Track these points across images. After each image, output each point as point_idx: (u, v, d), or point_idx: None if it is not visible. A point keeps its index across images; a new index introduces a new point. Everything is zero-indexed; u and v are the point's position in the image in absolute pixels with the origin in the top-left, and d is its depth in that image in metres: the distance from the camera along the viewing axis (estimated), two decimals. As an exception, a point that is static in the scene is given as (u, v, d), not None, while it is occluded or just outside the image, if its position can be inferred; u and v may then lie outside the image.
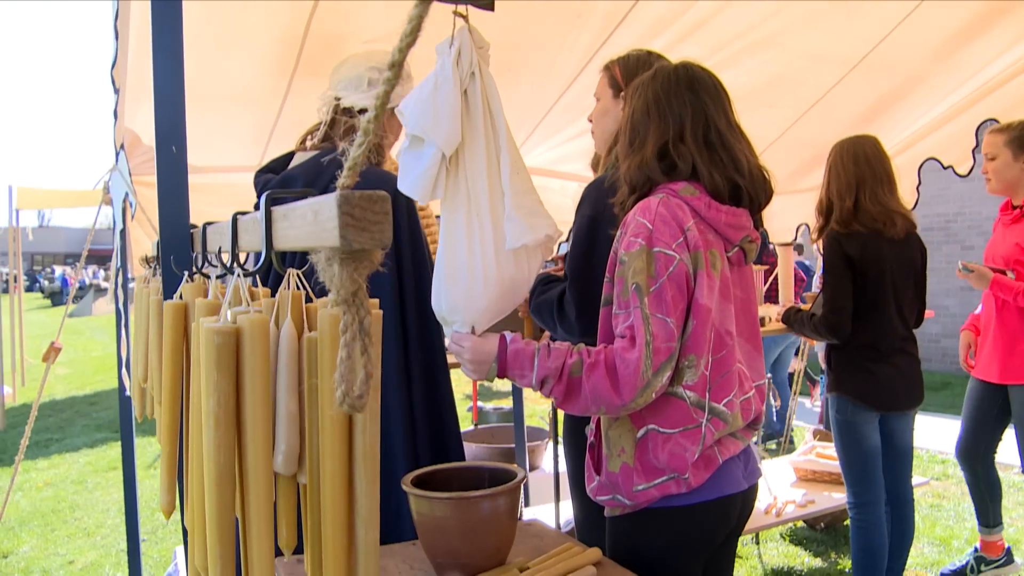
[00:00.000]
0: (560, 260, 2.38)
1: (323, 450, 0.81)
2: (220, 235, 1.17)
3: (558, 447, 3.14)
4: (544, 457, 4.76)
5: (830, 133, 3.46)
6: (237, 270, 0.97)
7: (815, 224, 3.17)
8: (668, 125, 1.70)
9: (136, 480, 3.54)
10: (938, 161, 4.12)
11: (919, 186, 4.28)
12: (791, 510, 3.62)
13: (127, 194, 3.07)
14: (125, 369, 3.09)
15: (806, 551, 4.23)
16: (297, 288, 1.07)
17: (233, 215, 1.04)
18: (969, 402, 3.60)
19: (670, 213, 1.60)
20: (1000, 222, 3.52)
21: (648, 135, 1.73)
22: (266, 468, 0.84)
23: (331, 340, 0.78)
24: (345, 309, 0.65)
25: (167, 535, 4.94)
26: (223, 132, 3.24)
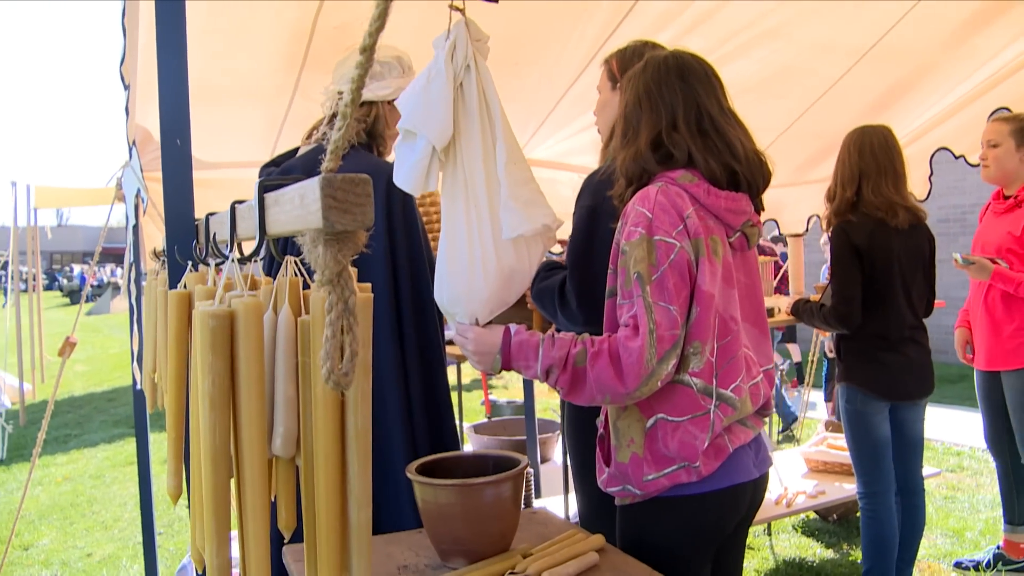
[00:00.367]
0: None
1: (316, 430, 0.83)
2: (221, 224, 1.19)
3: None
4: (555, 449, 4.78)
5: (840, 123, 3.45)
6: (231, 256, 0.99)
7: (824, 212, 3.17)
8: (660, 115, 1.71)
9: (151, 474, 3.58)
10: (949, 151, 4.10)
11: (931, 176, 4.26)
12: (802, 501, 3.61)
13: (139, 190, 3.11)
14: (136, 362, 3.13)
15: (818, 542, 4.23)
16: (296, 275, 1.09)
17: (232, 204, 1.06)
18: (979, 393, 3.61)
19: (669, 201, 1.61)
20: (991, 211, 3.51)
21: (641, 126, 1.73)
22: (260, 449, 0.86)
23: (321, 321, 0.79)
24: (330, 289, 0.67)
25: (182, 528, 5.00)
26: (233, 128, 3.27)
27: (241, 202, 1.08)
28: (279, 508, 1.06)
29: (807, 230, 4.75)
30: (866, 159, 2.96)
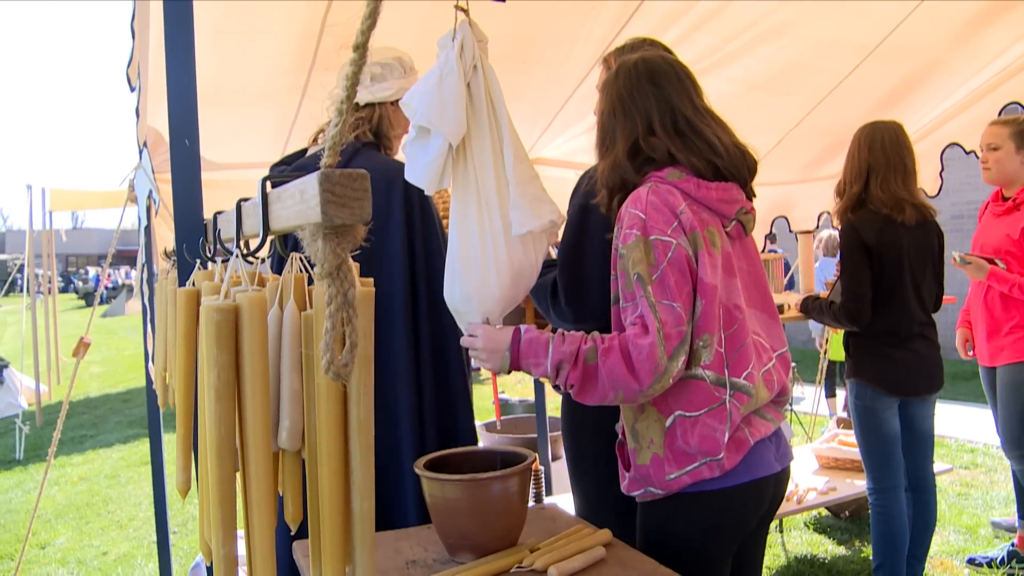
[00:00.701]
0: None
1: (319, 422, 0.84)
2: (228, 222, 1.21)
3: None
4: (567, 448, 4.77)
5: (849, 120, 3.45)
6: (236, 252, 1.00)
7: (834, 207, 3.16)
8: (636, 122, 1.72)
9: (165, 474, 3.61)
10: (960, 146, 4.09)
11: (942, 172, 4.25)
12: (813, 497, 3.61)
13: (151, 191, 3.14)
14: (149, 362, 3.15)
15: (830, 539, 4.22)
16: (301, 271, 1.11)
17: (238, 201, 1.08)
18: (986, 391, 3.61)
19: (661, 200, 1.62)
20: (990, 212, 3.52)
21: (617, 135, 1.75)
22: (265, 442, 0.88)
23: (323, 314, 0.81)
24: (330, 282, 0.68)
25: (196, 527, 5.02)
26: (244, 129, 3.30)
27: (247, 199, 1.10)
28: (286, 501, 1.07)
29: (818, 227, 4.74)
30: (876, 154, 2.96)
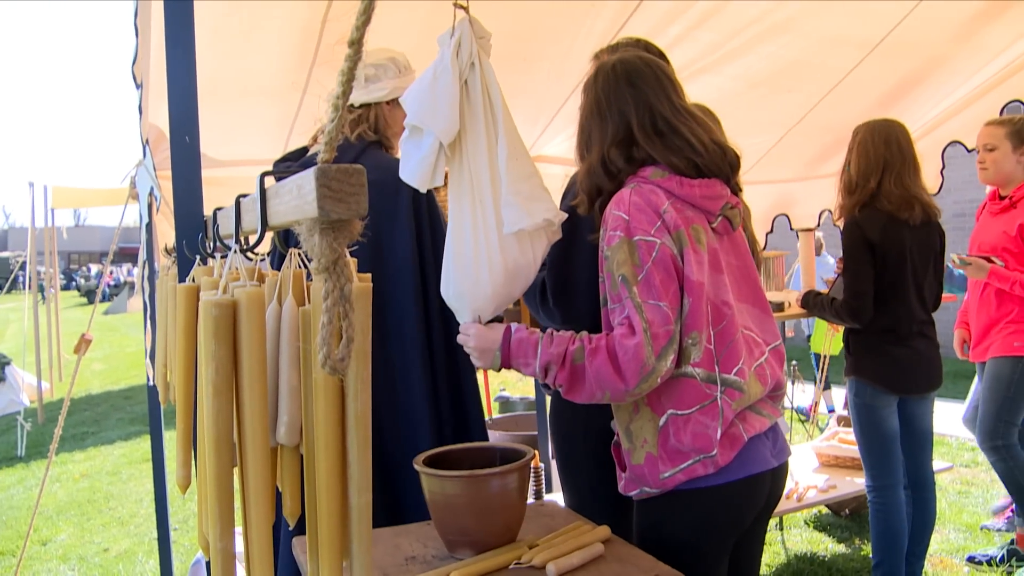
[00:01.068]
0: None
1: (316, 417, 0.85)
2: (227, 219, 1.21)
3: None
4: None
5: (850, 117, 3.44)
6: (234, 247, 1.01)
7: (837, 203, 3.15)
8: (615, 126, 1.72)
9: (166, 471, 3.62)
10: (962, 144, 4.08)
11: (943, 170, 4.24)
12: (813, 495, 3.61)
13: (152, 188, 3.14)
14: (149, 359, 3.16)
15: (830, 537, 4.23)
16: (300, 267, 1.11)
17: (237, 197, 1.08)
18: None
19: (643, 200, 1.62)
20: (987, 211, 3.53)
21: (593, 140, 1.76)
22: (263, 437, 0.88)
23: (320, 309, 0.81)
24: (326, 277, 0.68)
25: (197, 524, 5.04)
26: (245, 126, 3.30)
27: (246, 195, 1.10)
28: (284, 496, 1.08)
29: (819, 224, 4.73)
30: (892, 150, 2.94)
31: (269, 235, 1.00)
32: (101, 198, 10.49)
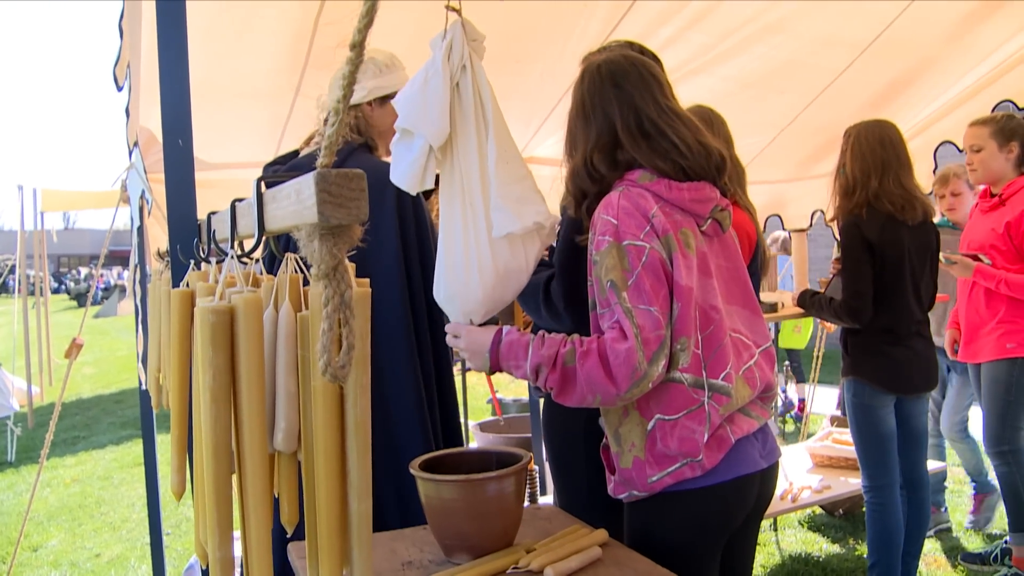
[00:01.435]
0: None
1: (315, 423, 0.84)
2: (222, 223, 1.20)
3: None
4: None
5: (842, 118, 3.45)
6: (231, 252, 1.00)
7: (832, 204, 3.14)
8: (599, 127, 1.71)
9: (158, 475, 3.60)
10: (954, 144, 4.09)
11: (936, 170, 4.25)
12: (807, 496, 3.61)
13: (143, 191, 3.13)
14: (141, 363, 3.14)
15: (824, 537, 4.23)
16: (296, 272, 1.10)
17: (232, 201, 1.07)
18: (973, 388, 3.63)
19: (632, 204, 1.60)
20: (978, 208, 3.55)
21: (579, 141, 1.74)
22: (261, 444, 0.87)
23: (319, 315, 0.80)
24: (326, 283, 0.68)
25: (190, 529, 5.02)
26: (236, 128, 3.29)
27: (242, 200, 1.09)
28: (282, 503, 1.07)
29: (811, 225, 4.74)
30: (888, 151, 2.94)
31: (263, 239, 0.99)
32: (91, 201, 10.45)
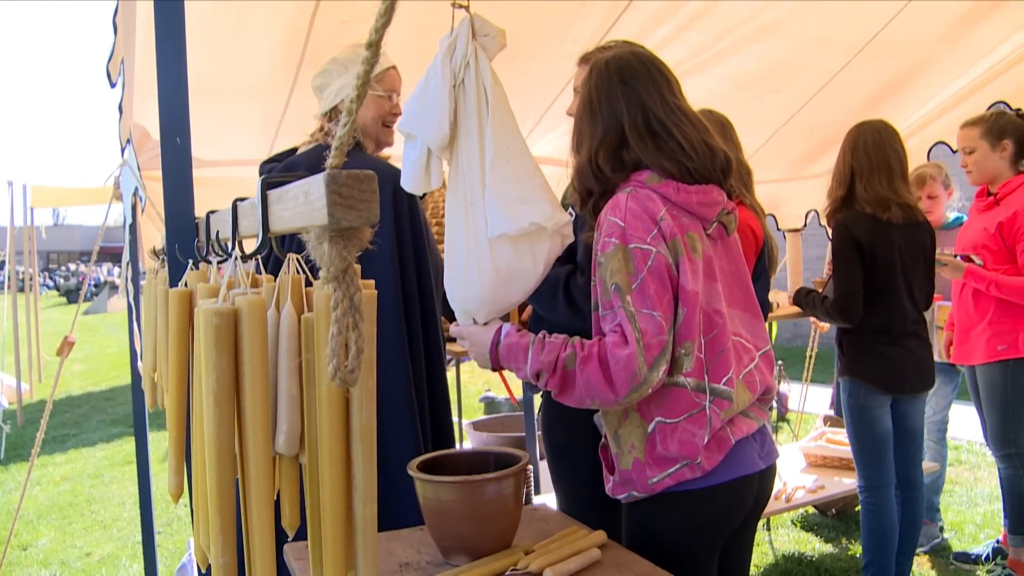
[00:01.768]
0: None
1: (320, 427, 0.83)
2: (222, 222, 1.19)
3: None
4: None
5: (838, 118, 3.46)
6: (234, 254, 0.98)
7: (825, 205, 3.15)
8: (605, 125, 1.69)
9: (150, 473, 3.58)
10: (947, 145, 4.11)
11: (927, 171, 4.26)
12: (801, 495, 3.61)
13: (136, 189, 3.11)
14: (139, 361, 3.12)
15: (817, 537, 4.24)
16: (298, 272, 1.09)
17: (233, 201, 1.06)
18: (969, 389, 3.63)
19: (640, 206, 1.59)
20: (974, 208, 3.55)
21: (585, 139, 1.73)
22: (265, 447, 0.86)
23: (326, 318, 0.79)
24: (336, 286, 0.67)
25: (182, 527, 5.00)
26: (232, 126, 3.27)
27: (243, 199, 1.08)
28: (283, 506, 1.06)
29: (805, 225, 4.75)
30: (859, 158, 2.97)
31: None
32: (81, 197, 10.37)
